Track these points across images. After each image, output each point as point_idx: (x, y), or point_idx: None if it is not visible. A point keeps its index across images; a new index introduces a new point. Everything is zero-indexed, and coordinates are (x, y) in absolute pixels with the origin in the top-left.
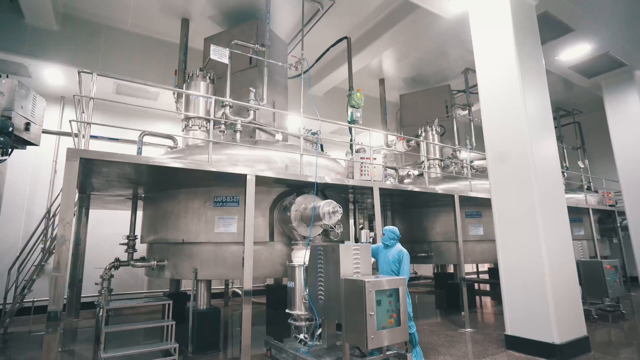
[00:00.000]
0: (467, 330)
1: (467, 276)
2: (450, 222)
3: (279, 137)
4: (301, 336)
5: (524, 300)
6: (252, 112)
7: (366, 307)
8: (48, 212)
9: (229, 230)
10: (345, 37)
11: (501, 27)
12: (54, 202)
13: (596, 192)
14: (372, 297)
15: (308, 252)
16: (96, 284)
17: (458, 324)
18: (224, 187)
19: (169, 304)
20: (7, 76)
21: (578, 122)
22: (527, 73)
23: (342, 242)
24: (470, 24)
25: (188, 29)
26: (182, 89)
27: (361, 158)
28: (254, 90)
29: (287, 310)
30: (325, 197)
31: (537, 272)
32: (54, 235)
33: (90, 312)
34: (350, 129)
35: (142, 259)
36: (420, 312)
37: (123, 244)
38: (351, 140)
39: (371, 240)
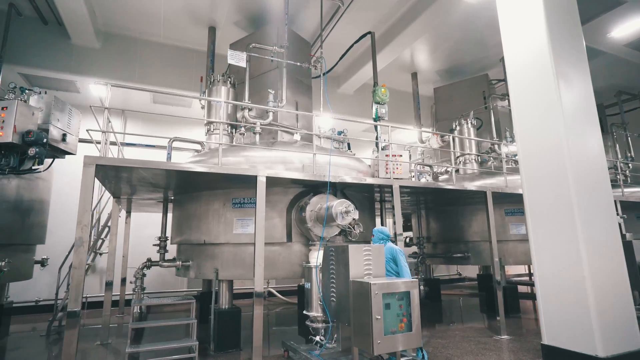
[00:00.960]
0: (502, 337)
1: (515, 278)
2: (482, 221)
3: (296, 137)
4: (317, 338)
5: (561, 306)
6: (270, 114)
7: (372, 310)
8: (92, 215)
9: (247, 231)
10: (369, 32)
11: (529, 4)
12: (95, 206)
13: None
14: (379, 300)
15: (321, 253)
16: (131, 282)
17: (494, 330)
18: (242, 188)
19: (193, 303)
20: (45, 92)
21: None
22: (561, 57)
23: (367, 243)
24: (497, 4)
25: (215, 37)
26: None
27: (386, 155)
28: (272, 92)
29: (304, 312)
30: (346, 197)
31: (576, 276)
32: (100, 235)
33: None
34: (375, 126)
35: (172, 260)
36: (458, 315)
37: (155, 245)
38: (377, 138)
39: (408, 240)
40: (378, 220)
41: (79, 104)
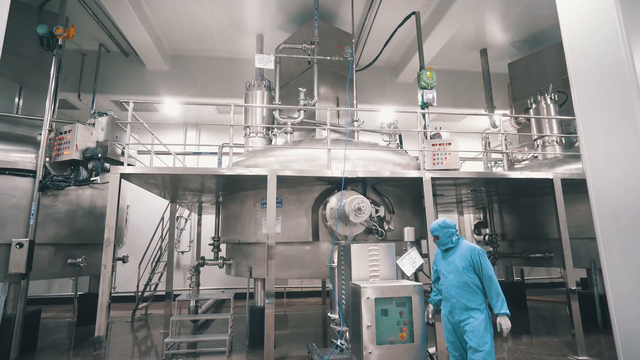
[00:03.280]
0: (580, 358)
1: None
2: (576, 214)
3: (323, 133)
4: (337, 342)
5: None
6: (302, 113)
7: (362, 316)
8: (162, 219)
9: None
10: (414, 13)
11: None
12: (165, 210)
13: None
14: (371, 305)
15: (336, 252)
16: (188, 279)
17: (573, 349)
18: None
19: (231, 300)
20: (106, 114)
21: None
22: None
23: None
24: None
25: (262, 44)
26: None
27: (433, 145)
28: (303, 90)
29: (328, 314)
30: (378, 193)
31: None
32: (175, 236)
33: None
34: (423, 115)
35: (216, 258)
36: (538, 326)
37: (210, 245)
38: (425, 127)
39: (479, 239)
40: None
41: (159, 120)
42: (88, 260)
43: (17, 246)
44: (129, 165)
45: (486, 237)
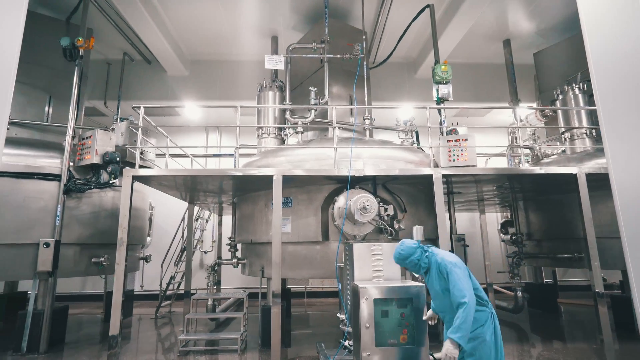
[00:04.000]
0: None
1: None
2: (609, 212)
3: (334, 132)
4: (346, 343)
5: None
6: (312, 112)
7: (360, 317)
8: (182, 220)
9: (285, 230)
10: (428, 6)
11: None
12: (186, 211)
13: None
14: (370, 306)
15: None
16: (205, 278)
17: (603, 357)
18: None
19: (245, 298)
20: (121, 120)
21: None
22: None
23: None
24: None
25: (277, 45)
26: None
27: (448, 141)
28: (314, 90)
29: (337, 315)
30: (389, 192)
31: None
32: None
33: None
34: (439, 110)
35: (230, 258)
36: (570, 331)
37: (228, 244)
38: (440, 123)
39: (507, 238)
40: (446, 215)
41: (180, 124)
42: (110, 259)
43: (45, 246)
44: (141, 167)
45: (512, 237)
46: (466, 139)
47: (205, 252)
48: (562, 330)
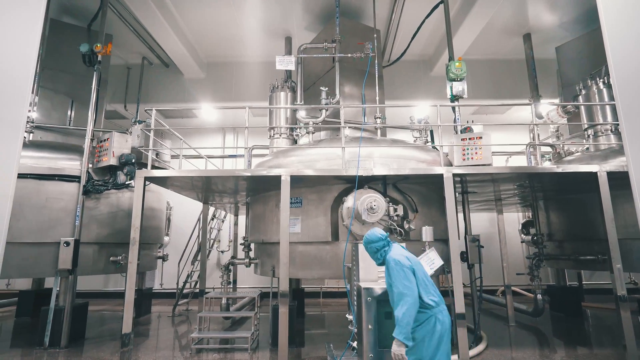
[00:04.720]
0: None
1: None
2: (633, 212)
3: (343, 132)
4: (354, 343)
5: None
6: (323, 112)
7: (363, 318)
8: (198, 220)
9: (294, 230)
10: (442, 1)
11: None
12: (201, 212)
13: None
14: (373, 307)
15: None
16: (219, 277)
17: None
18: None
19: (256, 298)
20: (139, 122)
21: None
22: None
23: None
24: None
25: (291, 46)
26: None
27: (462, 140)
28: (325, 89)
29: (346, 315)
30: (399, 191)
31: None
32: (215, 237)
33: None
34: (453, 108)
35: (243, 258)
36: (594, 337)
37: (241, 244)
38: (455, 120)
39: (527, 239)
40: (460, 216)
41: (197, 126)
42: (127, 258)
43: (65, 245)
44: (155, 168)
45: (533, 238)
46: (481, 137)
47: (222, 252)
48: (585, 334)
